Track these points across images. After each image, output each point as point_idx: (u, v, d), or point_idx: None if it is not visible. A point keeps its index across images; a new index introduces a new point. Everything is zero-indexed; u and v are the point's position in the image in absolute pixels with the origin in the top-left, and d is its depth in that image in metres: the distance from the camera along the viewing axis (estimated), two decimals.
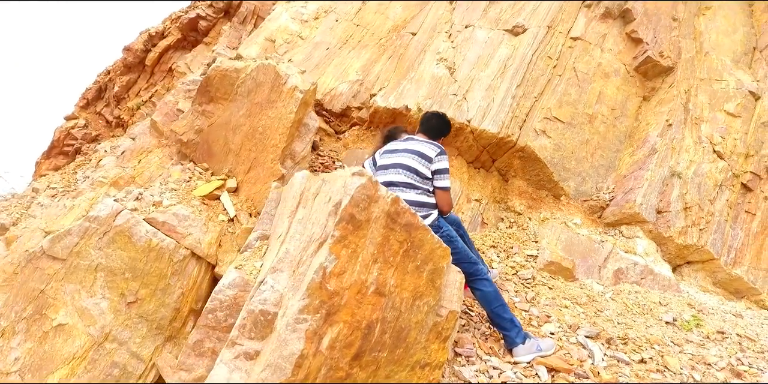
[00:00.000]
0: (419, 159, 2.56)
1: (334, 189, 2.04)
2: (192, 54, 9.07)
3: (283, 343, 1.84)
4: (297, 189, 2.45)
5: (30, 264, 2.84)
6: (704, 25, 4.73)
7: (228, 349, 2.00)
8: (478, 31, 4.95)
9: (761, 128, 4.02)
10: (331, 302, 1.88)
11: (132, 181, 5.27)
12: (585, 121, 4.27)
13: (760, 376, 2.53)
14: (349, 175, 2.01)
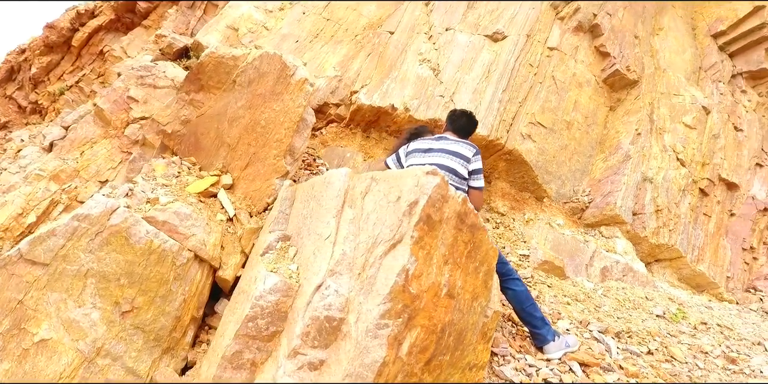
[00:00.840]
0: (458, 159, 2.56)
1: (404, 188, 1.97)
2: (129, 37, 8.30)
3: (364, 351, 1.75)
4: (338, 187, 2.33)
5: (4, 270, 2.43)
6: (659, 44, 5.23)
7: (290, 360, 1.86)
8: (459, 35, 5.06)
9: (712, 140, 4.53)
10: (413, 306, 1.81)
11: (76, 175, 4.84)
12: (564, 128, 4.53)
13: (749, 360, 2.83)
14: (421, 173, 1.95)
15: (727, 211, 4.39)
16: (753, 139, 4.74)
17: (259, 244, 2.75)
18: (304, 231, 2.51)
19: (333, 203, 2.31)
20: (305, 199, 2.71)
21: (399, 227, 1.92)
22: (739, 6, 5.03)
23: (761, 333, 3.28)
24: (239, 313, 2.27)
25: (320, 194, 2.52)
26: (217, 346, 2.39)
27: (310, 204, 2.59)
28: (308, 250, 2.33)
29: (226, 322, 2.47)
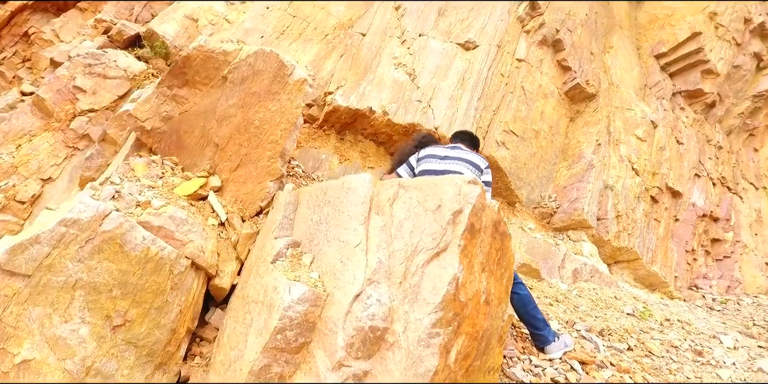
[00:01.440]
0: (473, 168, 2.63)
1: (444, 196, 2.00)
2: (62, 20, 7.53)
3: (417, 360, 1.75)
4: (363, 194, 2.31)
5: None
6: (610, 61, 5.68)
7: (334, 373, 1.83)
8: (432, 42, 5.17)
9: (660, 151, 5.01)
10: (462, 314, 1.85)
11: (13, 172, 4.48)
12: (532, 136, 4.79)
13: (712, 352, 3.18)
14: (462, 182, 1.99)
15: (673, 216, 4.89)
16: (692, 152, 5.32)
17: (265, 250, 2.64)
18: (319, 237, 2.45)
19: (358, 210, 2.28)
20: (315, 205, 2.65)
21: (443, 236, 1.94)
22: (678, 31, 5.61)
23: (713, 327, 3.69)
24: (259, 324, 2.18)
25: (338, 200, 2.47)
26: (230, 360, 2.28)
27: (324, 209, 2.53)
28: (331, 257, 2.29)
29: (237, 334, 2.36)
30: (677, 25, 5.62)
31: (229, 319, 2.58)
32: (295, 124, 3.16)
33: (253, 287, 2.52)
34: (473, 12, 5.43)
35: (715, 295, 4.53)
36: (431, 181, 2.16)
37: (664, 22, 5.83)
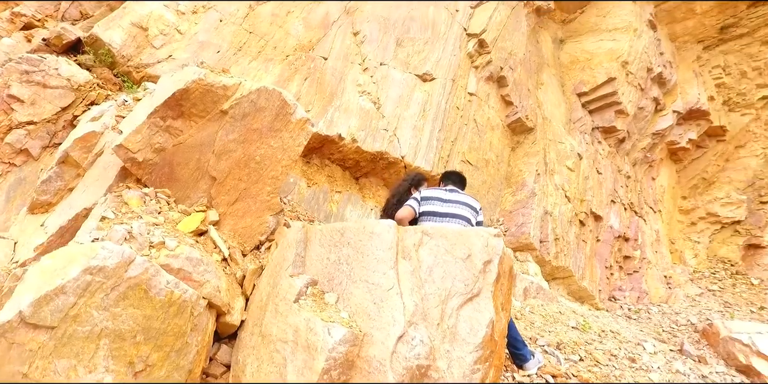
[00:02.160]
0: (470, 210, 3.00)
1: (474, 247, 2.33)
2: None
3: None
4: (389, 240, 2.56)
5: (3, 340, 2.04)
6: (542, 97, 6.45)
7: None
8: (392, 71, 5.49)
9: (585, 180, 5.83)
10: (495, 350, 2.19)
11: None
12: (484, 165, 5.32)
13: (642, 359, 3.87)
14: (488, 235, 2.34)
15: (595, 237, 5.72)
16: (608, 181, 6.25)
17: (280, 288, 2.77)
18: (340, 277, 2.65)
19: (386, 255, 2.53)
20: (330, 244, 2.84)
21: (475, 282, 2.27)
22: (597, 74, 6.54)
23: (635, 335, 4.45)
24: (298, 364, 2.34)
25: (360, 243, 2.69)
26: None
27: (343, 250, 2.74)
28: (361, 298, 2.50)
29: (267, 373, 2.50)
30: (596, 69, 6.54)
31: (248, 357, 2.68)
32: (296, 160, 3.28)
33: (276, 326, 2.64)
34: (428, 45, 5.85)
35: (629, 305, 5.43)
36: (458, 231, 2.48)
37: (584, 64, 6.74)
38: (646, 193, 6.64)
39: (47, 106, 4.37)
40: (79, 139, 3.67)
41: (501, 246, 2.31)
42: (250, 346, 2.73)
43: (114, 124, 3.87)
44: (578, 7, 7.50)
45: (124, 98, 4.38)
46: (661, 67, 6.69)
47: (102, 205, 3.09)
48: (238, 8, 6.14)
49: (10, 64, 4.42)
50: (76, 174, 3.77)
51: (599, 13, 7.17)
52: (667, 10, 7.14)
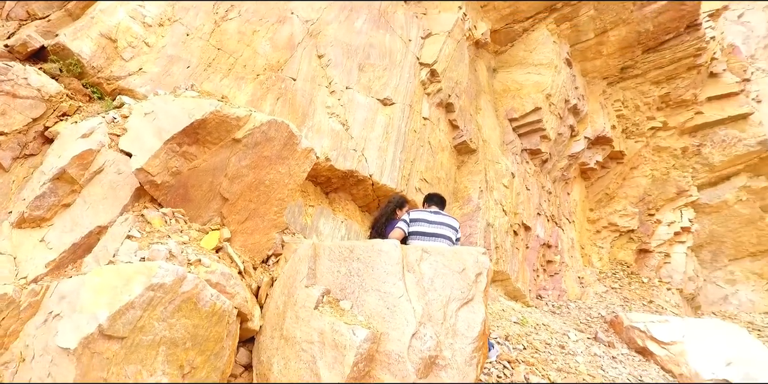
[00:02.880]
0: (451, 229, 3.69)
1: (467, 263, 3.01)
2: None
3: (465, 375, 2.74)
4: (396, 256, 3.16)
5: (87, 350, 2.35)
6: (481, 121, 7.37)
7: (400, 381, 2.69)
8: (357, 95, 6.05)
9: (517, 196, 6.81)
10: (484, 341, 2.89)
11: None
12: (437, 182, 6.08)
13: (569, 345, 4.83)
14: (478, 253, 3.03)
15: (525, 245, 6.72)
16: (535, 196, 7.31)
17: (297, 297, 3.25)
18: (352, 287, 3.21)
19: (395, 269, 3.12)
20: (339, 259, 3.38)
21: (470, 290, 2.95)
22: (526, 103, 7.61)
23: (561, 326, 5.44)
24: (328, 360, 2.86)
25: (370, 258, 3.26)
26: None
27: (353, 264, 3.29)
28: (374, 304, 3.08)
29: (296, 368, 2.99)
30: (524, 98, 7.61)
31: (273, 357, 3.15)
32: (299, 184, 3.74)
33: (299, 330, 3.12)
34: (387, 71, 6.49)
35: (553, 302, 6.48)
36: (452, 249, 3.14)
37: (515, 93, 7.79)
38: (563, 206, 7.84)
39: (17, 116, 4.38)
40: (77, 157, 3.83)
41: (488, 262, 3.02)
42: (273, 348, 3.19)
43: (109, 142, 4.05)
44: (509, 40, 8.58)
45: (113, 115, 4.51)
46: (576, 100, 7.93)
47: (123, 223, 3.36)
48: (204, 23, 6.32)
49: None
50: (71, 190, 3.91)
51: (526, 48, 8.29)
52: (580, 50, 8.44)
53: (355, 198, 5.57)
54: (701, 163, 8.09)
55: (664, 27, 8.11)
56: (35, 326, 2.90)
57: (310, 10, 6.85)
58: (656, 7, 7.98)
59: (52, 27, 5.87)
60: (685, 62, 8.23)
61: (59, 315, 2.72)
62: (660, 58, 8.28)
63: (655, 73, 8.40)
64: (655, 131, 8.42)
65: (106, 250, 3.29)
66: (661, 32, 8.15)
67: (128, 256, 2.90)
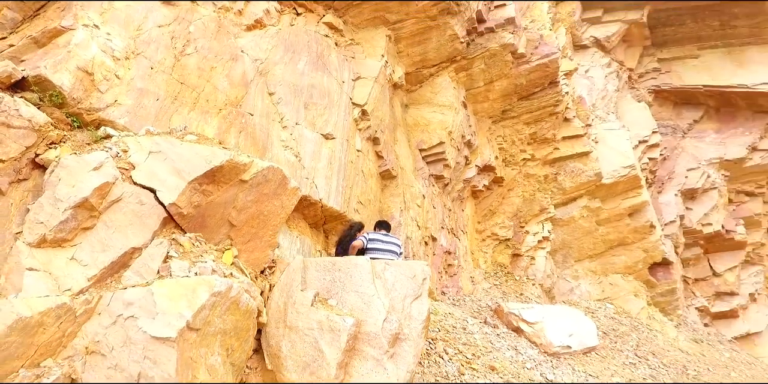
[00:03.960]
0: (397, 247, 5.22)
1: (416, 271, 4.56)
2: None
3: (418, 344, 4.28)
4: (368, 268, 4.60)
5: (180, 338, 3.44)
6: (398, 151, 9.03)
7: (385, 356, 4.17)
8: (305, 130, 7.29)
9: (427, 213, 8.56)
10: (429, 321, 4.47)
11: None
12: (368, 204, 7.58)
13: (468, 328, 6.65)
14: (424, 264, 4.60)
15: (432, 252, 8.48)
16: (439, 213, 9.13)
17: (296, 298, 4.52)
18: (336, 290, 4.58)
19: (367, 276, 4.55)
20: (324, 270, 4.73)
21: (419, 289, 4.49)
22: (432, 137, 9.45)
23: (461, 315, 7.27)
24: (327, 340, 4.20)
25: (348, 269, 4.64)
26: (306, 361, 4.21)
27: (335, 274, 4.67)
28: (354, 301, 4.47)
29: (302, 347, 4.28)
30: (431, 133, 9.43)
31: (281, 341, 4.38)
32: (289, 213, 4.95)
33: (301, 321, 4.40)
34: (327, 110, 7.82)
35: (454, 297, 8.33)
36: (406, 263, 4.66)
37: (423, 128, 9.59)
38: (459, 220, 9.82)
39: (13, 145, 4.99)
40: (97, 189, 4.63)
41: (429, 271, 4.60)
42: (279, 335, 4.43)
43: (120, 176, 4.91)
44: (418, 82, 10.41)
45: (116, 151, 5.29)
46: (470, 135, 9.98)
47: (159, 246, 4.34)
48: (165, 57, 7.06)
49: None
50: (90, 216, 4.70)
51: (432, 91, 10.17)
52: (473, 95, 10.57)
53: (306, 217, 6.83)
54: (557, 188, 10.67)
55: (533, 82, 10.55)
56: (103, 326, 3.82)
57: (258, 49, 7.91)
58: (528, 67, 10.37)
59: (17, 53, 6.24)
60: (547, 109, 10.76)
61: (133, 316, 3.71)
62: (530, 105, 10.73)
63: (526, 116, 10.83)
64: (526, 162, 10.85)
65: (147, 266, 4.26)
66: (531, 86, 10.58)
67: (183, 272, 3.95)
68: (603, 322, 8.66)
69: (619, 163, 10.72)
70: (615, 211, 10.87)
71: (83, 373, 3.69)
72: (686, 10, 14.23)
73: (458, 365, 5.27)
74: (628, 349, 7.88)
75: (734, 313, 13.32)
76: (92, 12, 6.61)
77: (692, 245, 13.27)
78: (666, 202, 12.73)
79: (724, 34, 14.33)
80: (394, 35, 9.85)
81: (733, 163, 13.55)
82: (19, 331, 3.70)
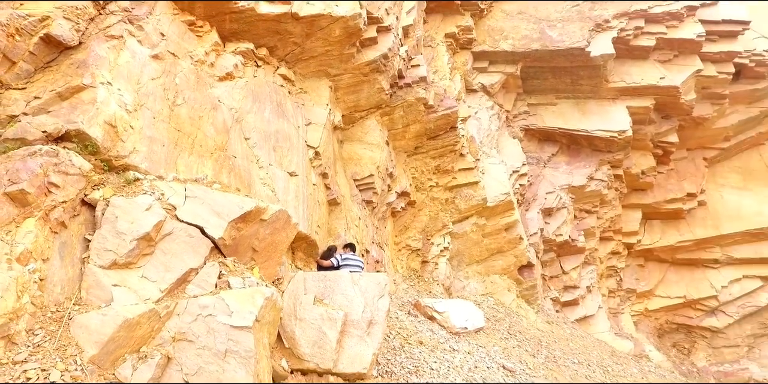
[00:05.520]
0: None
1: (381, 280, 7.09)
2: None
3: (383, 326, 6.82)
4: (348, 278, 7.02)
5: (255, 325, 5.57)
6: (339, 181, 11.40)
7: (365, 332, 6.66)
8: (276, 170, 9.34)
9: (362, 231, 11.06)
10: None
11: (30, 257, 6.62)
12: (324, 226, 9.86)
13: (399, 317, 9.35)
14: (385, 276, 7.15)
15: (367, 262, 11.01)
16: (371, 230, 11.64)
17: (303, 298, 6.79)
18: (329, 293, 6.92)
19: (349, 284, 6.94)
20: (319, 280, 7.07)
21: (381, 291, 7.00)
22: (365, 169, 11.98)
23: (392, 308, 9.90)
24: (330, 326, 6.57)
25: (335, 279, 6.98)
26: (314, 340, 6.53)
27: (327, 283, 7.02)
28: (341, 300, 6.85)
29: (311, 331, 6.62)
30: (363, 166, 11.91)
31: (295, 328, 6.63)
32: (291, 242, 7.09)
33: (308, 314, 6.67)
34: (289, 151, 9.94)
35: None
36: (374, 274, 7.14)
37: (357, 162, 12.05)
38: (383, 236, 12.48)
39: (71, 188, 6.63)
40: (155, 226, 6.50)
41: (387, 279, 7.16)
42: (292, 324, 6.67)
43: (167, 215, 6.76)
44: (352, 122, 12.89)
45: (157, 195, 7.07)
46: (392, 168, 12.68)
47: (212, 267, 6.33)
48: (162, 108, 8.62)
49: (45, 159, 6.64)
50: (148, 245, 6.50)
51: (363, 131, 12.71)
52: (393, 134, 13.31)
53: None
54: (455, 209, 13.83)
55: (439, 127, 13.58)
56: (185, 322, 5.76)
57: (232, 100, 9.85)
58: (436, 116, 13.39)
59: (45, 105, 7.68)
60: (448, 147, 13.89)
61: (211, 315, 5.72)
62: (436, 144, 13.78)
63: (432, 152, 13.86)
64: (432, 188, 13.86)
65: (206, 281, 6.25)
66: (437, 129, 13.62)
67: (239, 284, 6.01)
68: (486, 311, 11.88)
69: (499, 191, 14.21)
70: (495, 227, 14.35)
71: (175, 353, 5.62)
72: (548, 69, 18.49)
73: (400, 341, 7.88)
74: (504, 329, 11.14)
75: (576, 301, 17.75)
76: (104, 70, 8.06)
77: (548, 251, 17.44)
78: (531, 218, 16.68)
79: (574, 89, 18.86)
80: (334, 85, 12.22)
81: (577, 188, 18.05)
82: (125, 329, 5.51)
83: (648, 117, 18.55)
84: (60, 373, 5.15)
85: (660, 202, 20.00)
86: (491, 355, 8.77)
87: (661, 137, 19.42)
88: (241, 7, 10.07)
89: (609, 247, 19.64)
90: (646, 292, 20.32)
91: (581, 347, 13.45)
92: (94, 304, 6.01)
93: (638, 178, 19.50)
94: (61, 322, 5.74)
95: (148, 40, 8.82)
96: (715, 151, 20.82)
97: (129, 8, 8.88)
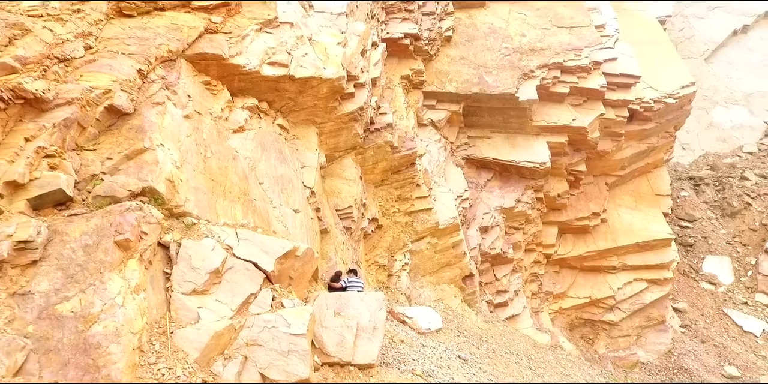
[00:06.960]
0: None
1: (380, 298, 9.97)
2: None
3: (383, 330, 9.72)
4: (357, 297, 9.82)
5: (308, 333, 8.27)
6: (325, 212, 14.05)
7: (368, 334, 9.54)
8: (285, 208, 11.83)
9: (345, 253, 13.73)
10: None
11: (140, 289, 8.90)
12: (320, 251, 12.51)
13: None
14: (382, 294, 10.03)
15: None
16: (350, 252, 14.35)
17: (327, 311, 9.51)
18: (344, 308, 9.68)
19: (359, 301, 9.71)
20: (336, 299, 9.83)
21: (380, 305, 9.85)
22: (344, 201, 14.70)
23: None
24: (347, 326, 9.37)
25: (348, 298, 9.72)
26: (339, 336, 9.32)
27: (342, 300, 9.78)
28: (354, 312, 9.61)
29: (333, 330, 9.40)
30: (344, 199, 14.59)
31: (322, 333, 9.37)
32: (314, 270, 9.67)
33: (331, 323, 9.38)
34: (293, 192, 12.47)
35: None
36: (376, 294, 9.97)
37: (337, 194, 14.71)
38: (359, 254, 15.30)
39: (153, 234, 8.94)
40: (222, 262, 9.01)
41: (384, 296, 10.04)
42: (320, 331, 9.37)
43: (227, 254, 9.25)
44: (331, 160, 15.57)
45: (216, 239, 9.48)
46: (365, 199, 15.51)
47: (267, 292, 8.90)
48: (198, 162, 10.86)
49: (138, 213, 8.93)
50: (216, 276, 8.98)
51: (341, 168, 15.41)
52: (365, 170, 16.11)
53: None
54: (413, 231, 16.92)
55: (402, 163, 16.64)
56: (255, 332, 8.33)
57: (246, 150, 12.26)
58: (399, 155, 16.40)
59: (117, 165, 9.88)
60: (408, 180, 16.93)
61: (274, 327, 8.34)
62: (398, 177, 16.81)
63: (395, 184, 16.86)
64: (395, 213, 16.85)
65: (264, 303, 8.81)
66: (400, 165, 16.70)
67: (291, 304, 8.62)
68: (441, 314, 15.08)
69: (448, 215, 17.49)
70: (445, 245, 17.62)
71: (250, 354, 8.16)
72: (485, 108, 22.14)
73: (387, 340, 10.80)
74: (455, 328, 14.33)
75: (506, 303, 21.52)
76: (156, 133, 10.28)
77: (484, 261, 21.06)
78: (471, 234, 20.17)
79: (505, 125, 22.66)
80: (319, 131, 14.85)
81: (507, 209, 21.85)
82: (214, 338, 7.95)
83: (563, 150, 22.76)
84: (182, 369, 7.55)
85: (572, 220, 24.47)
86: (449, 349, 11.86)
87: (573, 167, 23.82)
88: (249, 70, 12.49)
89: (532, 257, 23.74)
90: (560, 294, 24.72)
91: (511, 341, 17.02)
92: (184, 322, 8.35)
93: (555, 200, 23.76)
94: (166, 335, 8.08)
95: (180, 102, 11.00)
96: (614, 177, 25.70)
97: (165, 76, 11.13)
